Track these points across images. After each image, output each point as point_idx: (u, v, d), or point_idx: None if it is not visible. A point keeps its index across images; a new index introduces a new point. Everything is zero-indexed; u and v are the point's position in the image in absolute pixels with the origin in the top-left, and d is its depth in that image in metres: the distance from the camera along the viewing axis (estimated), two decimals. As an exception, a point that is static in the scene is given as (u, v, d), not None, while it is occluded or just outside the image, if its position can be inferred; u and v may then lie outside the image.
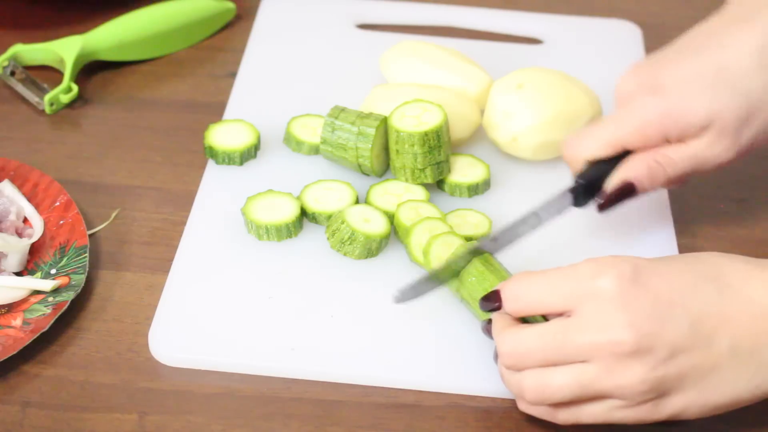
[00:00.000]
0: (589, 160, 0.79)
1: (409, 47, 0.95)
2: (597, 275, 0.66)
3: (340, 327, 0.77)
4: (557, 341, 0.66)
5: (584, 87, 0.90)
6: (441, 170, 0.86)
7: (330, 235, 0.82)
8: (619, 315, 0.64)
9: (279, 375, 0.74)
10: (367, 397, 0.73)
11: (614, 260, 0.66)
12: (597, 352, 0.65)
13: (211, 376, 0.74)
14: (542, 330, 0.66)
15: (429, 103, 0.86)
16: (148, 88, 1.00)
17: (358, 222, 0.81)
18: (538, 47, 1.05)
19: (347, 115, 0.86)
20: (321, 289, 0.79)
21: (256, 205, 0.83)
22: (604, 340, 0.64)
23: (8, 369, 0.74)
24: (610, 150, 0.78)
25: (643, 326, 0.64)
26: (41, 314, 0.76)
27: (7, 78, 0.97)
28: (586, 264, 0.67)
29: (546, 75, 0.89)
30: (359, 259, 0.81)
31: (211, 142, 0.89)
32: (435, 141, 0.84)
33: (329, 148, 0.87)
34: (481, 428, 0.72)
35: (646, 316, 0.64)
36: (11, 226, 0.82)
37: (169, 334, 0.76)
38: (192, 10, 1.04)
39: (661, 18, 1.11)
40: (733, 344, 0.65)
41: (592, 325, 0.65)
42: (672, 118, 0.76)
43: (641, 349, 0.64)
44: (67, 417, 0.72)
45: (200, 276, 0.80)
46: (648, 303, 0.65)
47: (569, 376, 0.66)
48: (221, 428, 0.71)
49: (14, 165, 0.86)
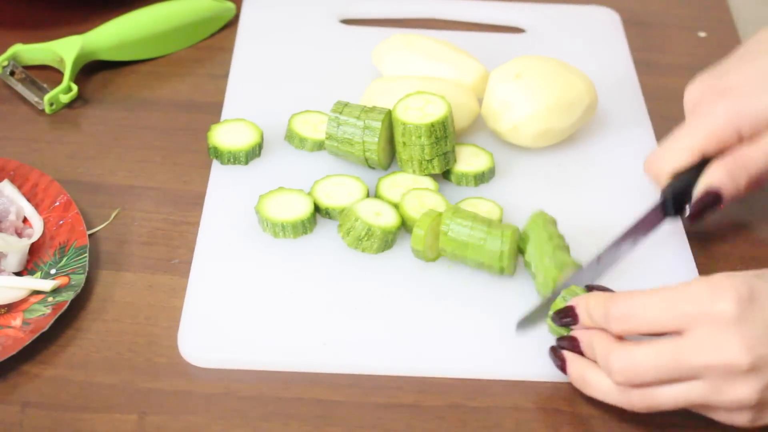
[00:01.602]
0: (672, 174, 0.80)
1: (402, 40, 0.96)
2: (716, 297, 0.66)
3: (364, 319, 0.77)
4: (672, 361, 0.66)
5: (580, 74, 0.91)
6: (448, 160, 0.87)
7: (345, 233, 0.82)
8: (736, 337, 0.65)
9: (311, 370, 0.75)
10: (367, 397, 0.73)
11: (730, 280, 0.67)
12: (711, 372, 0.66)
13: (241, 375, 0.74)
14: (658, 350, 0.67)
15: (431, 94, 0.86)
16: (148, 88, 1.00)
17: (371, 217, 0.82)
18: (521, 36, 1.06)
19: (351, 109, 0.87)
20: (342, 282, 0.80)
21: (270, 203, 0.83)
22: (720, 361, 0.65)
23: (8, 369, 0.74)
24: (689, 158, 0.79)
25: (758, 348, 0.65)
26: (41, 314, 0.76)
27: (7, 78, 0.97)
28: (701, 284, 0.67)
29: (543, 63, 0.90)
30: (377, 253, 0.82)
31: (215, 143, 0.89)
32: (441, 132, 0.85)
33: (335, 143, 0.87)
34: (481, 428, 0.72)
35: (761, 337, 0.65)
36: (11, 226, 0.82)
37: (199, 336, 0.76)
38: (192, 10, 1.04)
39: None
40: None
41: (709, 347, 0.65)
42: (742, 115, 0.77)
43: (754, 370, 0.65)
44: (67, 417, 0.72)
45: (221, 277, 0.80)
46: (762, 325, 0.65)
47: (678, 394, 0.67)
48: (221, 428, 0.71)
49: (14, 165, 0.86)
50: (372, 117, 0.86)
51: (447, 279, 0.80)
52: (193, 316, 0.77)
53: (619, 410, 0.72)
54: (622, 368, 0.68)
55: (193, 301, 0.78)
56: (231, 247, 0.82)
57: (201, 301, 0.78)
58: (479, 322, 0.78)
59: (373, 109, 0.86)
